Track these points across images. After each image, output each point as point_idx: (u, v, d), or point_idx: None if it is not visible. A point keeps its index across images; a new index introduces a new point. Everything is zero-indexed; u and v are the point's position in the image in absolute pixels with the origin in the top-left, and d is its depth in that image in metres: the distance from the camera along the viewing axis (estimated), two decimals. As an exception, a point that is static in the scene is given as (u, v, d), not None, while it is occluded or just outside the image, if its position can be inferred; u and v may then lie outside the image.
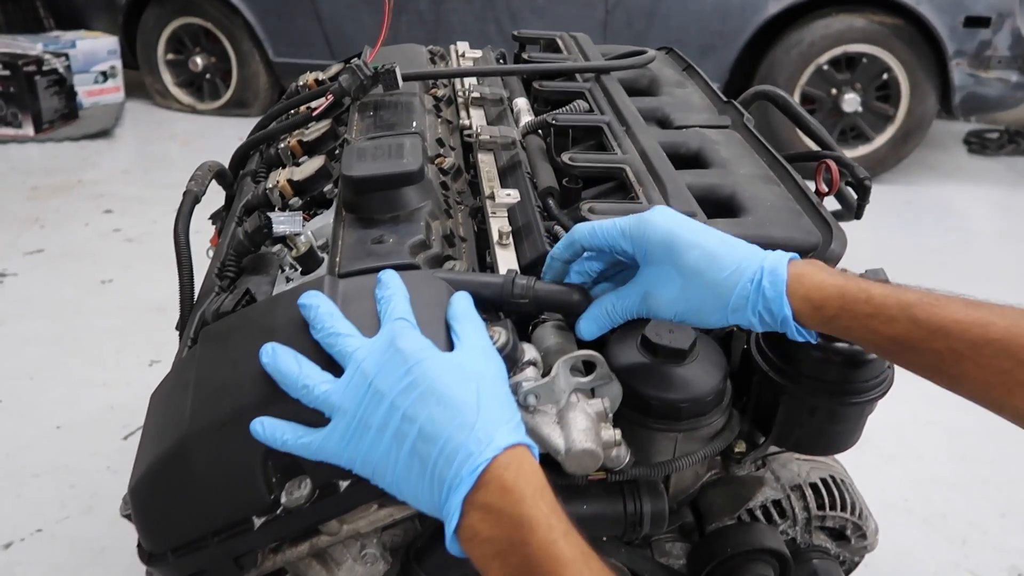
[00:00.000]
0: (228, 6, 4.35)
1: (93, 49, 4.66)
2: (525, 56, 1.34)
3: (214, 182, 1.20)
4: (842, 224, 1.15)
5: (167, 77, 4.69)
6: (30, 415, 1.98)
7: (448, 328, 0.70)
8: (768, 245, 0.87)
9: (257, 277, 0.96)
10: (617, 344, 0.83)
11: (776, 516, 0.95)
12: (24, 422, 1.95)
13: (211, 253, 1.18)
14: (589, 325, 0.77)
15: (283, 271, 0.96)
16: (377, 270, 0.77)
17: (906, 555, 1.64)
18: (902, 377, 0.80)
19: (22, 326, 2.41)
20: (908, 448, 1.95)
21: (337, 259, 0.82)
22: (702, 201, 0.92)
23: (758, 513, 0.94)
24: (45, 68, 4.27)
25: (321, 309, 0.68)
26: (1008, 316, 0.63)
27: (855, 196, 1.15)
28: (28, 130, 4.20)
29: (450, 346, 0.68)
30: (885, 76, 3.73)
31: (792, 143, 3.42)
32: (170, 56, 4.65)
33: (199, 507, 0.70)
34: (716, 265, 0.71)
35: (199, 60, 4.60)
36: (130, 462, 0.76)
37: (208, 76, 4.64)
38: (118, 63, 4.73)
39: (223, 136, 4.20)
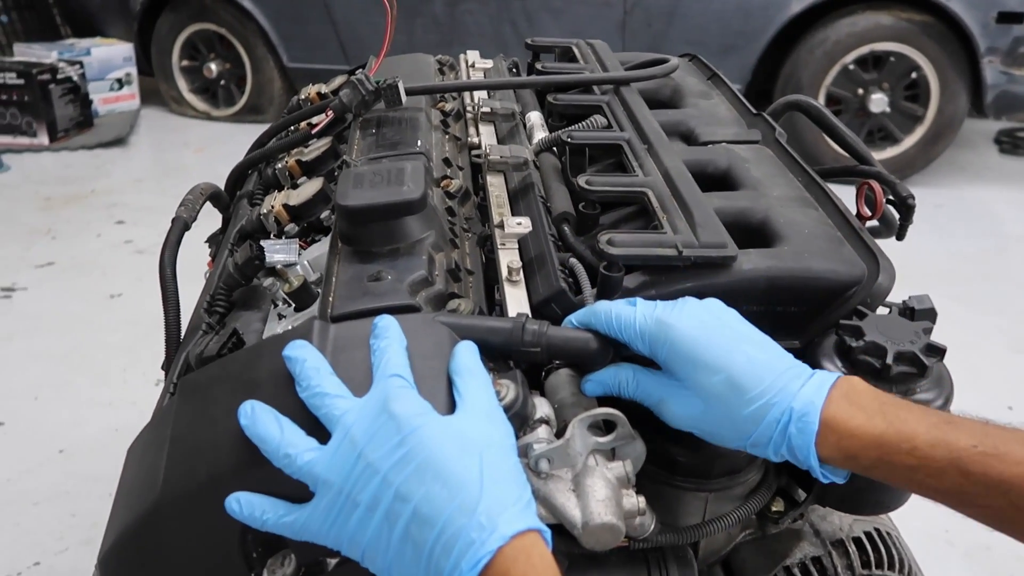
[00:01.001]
0: (242, 12, 4.32)
1: (108, 56, 4.65)
2: (539, 66, 1.25)
3: (208, 204, 1.13)
4: (878, 241, 1.07)
5: (182, 84, 4.67)
6: (33, 438, 1.94)
7: (450, 384, 0.62)
8: (808, 278, 0.80)
9: (248, 313, 0.89)
10: (640, 392, 0.74)
11: (816, 575, 0.86)
12: (27, 445, 1.91)
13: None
14: (595, 388, 0.70)
15: (276, 307, 0.88)
16: (373, 313, 0.69)
17: (948, 591, 1.55)
18: None
19: (29, 342, 2.37)
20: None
21: (330, 298, 0.75)
22: (732, 228, 0.84)
23: (796, 572, 0.86)
24: (60, 76, 4.26)
25: (308, 364, 0.61)
26: None
27: (896, 215, 1.06)
28: (43, 139, 4.19)
29: (452, 406, 0.60)
30: (914, 75, 3.61)
31: (819, 151, 3.31)
32: (185, 62, 4.63)
33: (173, 584, 0.63)
34: (741, 397, 0.62)
35: (213, 66, 4.58)
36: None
37: (223, 82, 4.62)
38: (133, 70, 4.72)
39: (237, 143, 4.15)
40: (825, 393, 0.61)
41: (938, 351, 0.71)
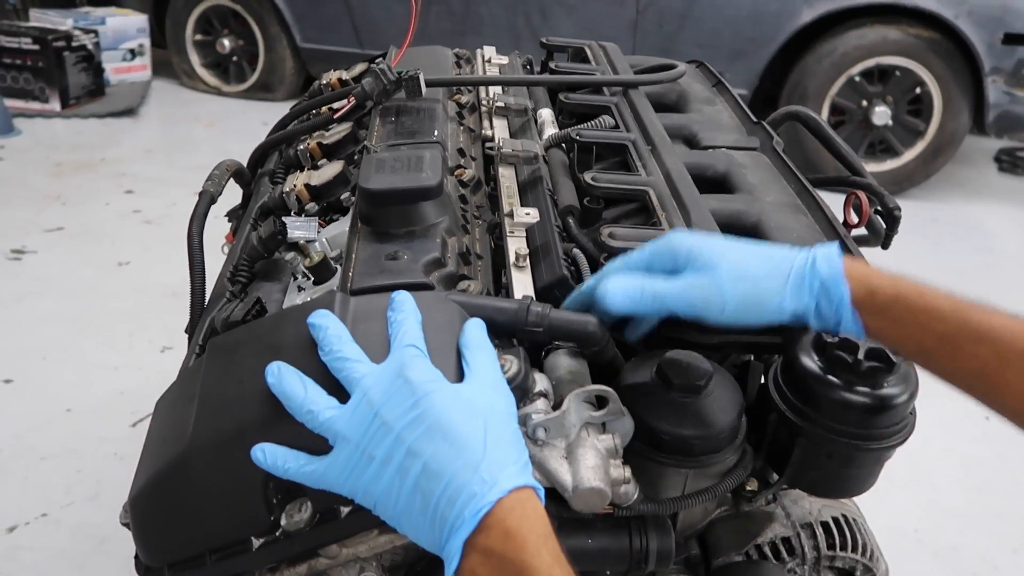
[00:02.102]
0: (258, -11, 4.35)
1: (123, 26, 4.68)
2: (552, 65, 1.31)
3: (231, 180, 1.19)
4: (866, 249, 1.13)
5: (194, 58, 4.70)
6: (41, 396, 1.99)
7: (459, 356, 0.68)
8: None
9: (269, 284, 0.95)
10: (630, 375, 0.81)
11: (785, 554, 0.92)
12: (35, 403, 1.96)
13: (226, 250, 1.17)
14: (620, 298, 0.72)
15: (295, 279, 0.94)
16: (390, 288, 0.75)
17: (915, 588, 1.62)
18: (919, 402, 0.79)
19: (38, 304, 2.42)
20: (922, 476, 1.92)
21: (350, 273, 0.81)
22: (726, 228, 0.90)
23: (766, 550, 0.92)
24: (74, 44, 4.30)
25: (330, 331, 0.67)
26: None
27: (883, 225, 1.12)
28: (55, 105, 4.23)
29: (460, 375, 0.66)
30: (918, 90, 3.66)
31: (820, 159, 3.37)
32: (198, 37, 4.66)
33: (197, 524, 0.69)
34: (765, 255, 0.71)
35: (226, 42, 4.61)
36: (138, 449, 0.75)
37: (235, 58, 4.65)
38: (147, 41, 4.75)
39: (247, 119, 4.21)
40: (836, 245, 0.70)
41: (906, 351, 0.77)
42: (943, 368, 0.67)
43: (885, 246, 1.13)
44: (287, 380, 0.65)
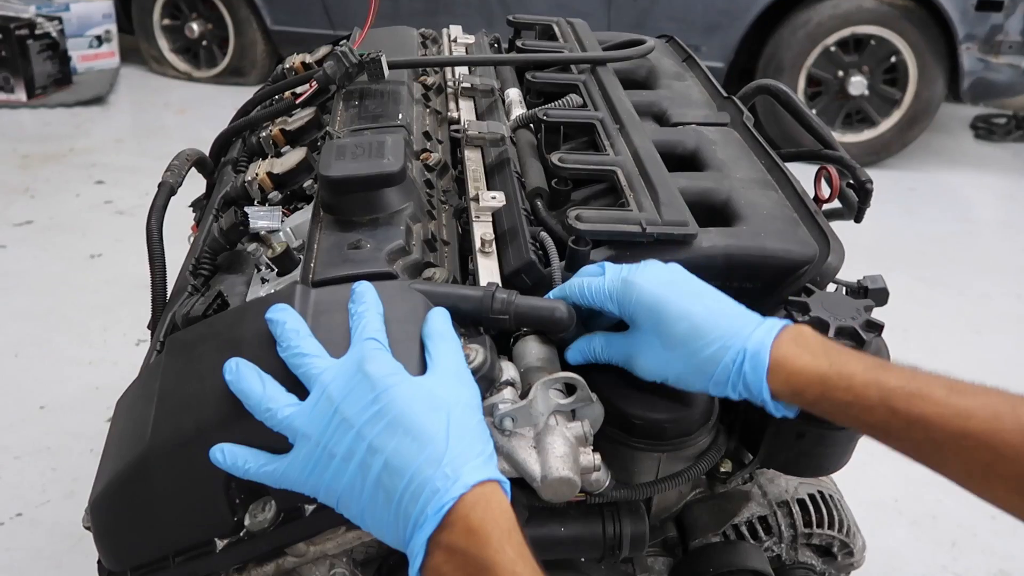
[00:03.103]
0: (225, -29, 4.26)
1: (88, 12, 4.57)
2: (519, 43, 1.29)
3: (194, 170, 1.16)
4: (839, 223, 1.12)
5: (163, 43, 4.60)
6: (14, 394, 1.96)
7: (423, 347, 0.66)
8: (763, 256, 0.85)
9: (232, 276, 0.93)
10: (602, 359, 0.79)
11: (762, 533, 0.92)
12: (8, 401, 1.93)
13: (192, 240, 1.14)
14: (575, 356, 0.77)
15: (259, 271, 0.92)
16: (352, 279, 0.74)
17: (893, 556, 1.63)
18: None
19: (9, 300, 2.38)
20: (901, 446, 1.93)
21: (312, 264, 0.79)
22: (695, 207, 0.88)
23: (743, 529, 0.92)
24: (38, 32, 4.19)
25: (288, 325, 0.65)
26: (990, 406, 0.61)
27: (856, 198, 1.11)
28: (20, 95, 4.13)
29: (423, 367, 0.65)
30: (893, 59, 3.65)
31: (799, 133, 3.36)
32: (166, 21, 4.56)
33: (160, 527, 0.68)
34: (701, 341, 0.69)
35: (195, 26, 4.52)
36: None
37: (205, 43, 4.56)
38: (113, 27, 4.64)
39: (219, 105, 4.13)
40: (774, 335, 0.68)
41: (876, 327, 0.76)
42: (885, 445, 0.67)
43: (858, 219, 1.12)
44: (245, 377, 0.63)
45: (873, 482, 1.78)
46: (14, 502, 1.64)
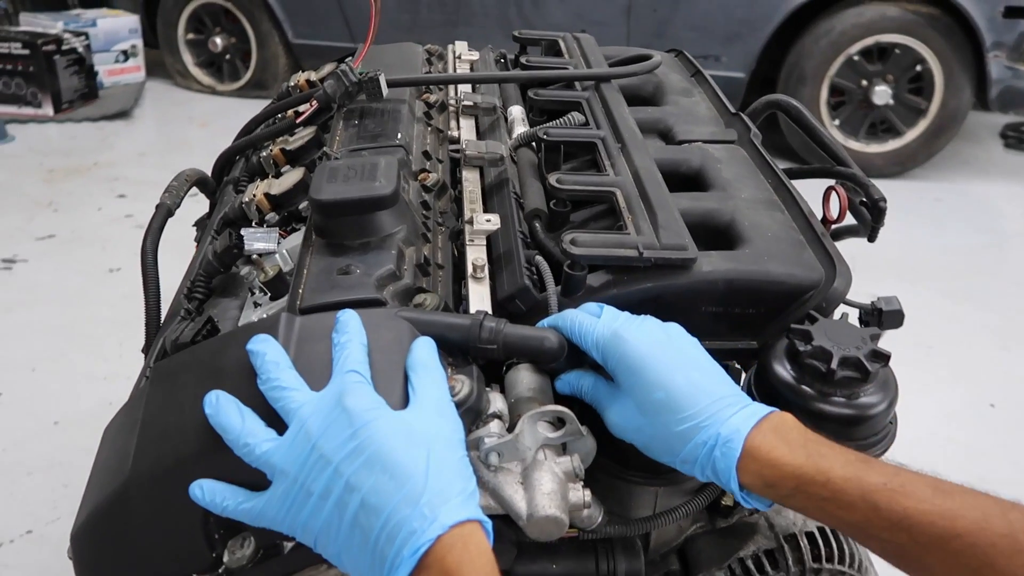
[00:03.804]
0: (247, -14, 4.31)
1: (114, 28, 4.65)
2: (523, 59, 1.27)
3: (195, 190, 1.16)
4: (851, 241, 1.09)
5: (187, 57, 4.67)
6: (29, 409, 1.98)
7: (406, 379, 0.65)
8: (766, 281, 0.82)
9: (226, 300, 0.92)
10: (597, 388, 0.77)
11: (768, 567, 0.89)
12: (23, 416, 1.95)
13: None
14: (562, 387, 0.74)
15: (252, 294, 0.91)
16: (339, 306, 0.72)
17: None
18: (918, 390, 0.75)
19: (28, 314, 2.41)
20: (925, 467, 1.87)
21: (300, 290, 0.77)
22: (697, 228, 0.86)
23: (749, 564, 0.89)
24: (65, 47, 4.27)
25: (268, 357, 0.63)
26: (979, 507, 0.57)
27: (869, 216, 1.07)
28: (48, 110, 4.21)
29: (405, 400, 0.63)
30: (918, 68, 3.59)
31: (811, 146, 3.31)
32: (190, 36, 4.63)
33: (139, 561, 0.67)
34: (675, 415, 0.65)
35: (219, 40, 4.58)
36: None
37: (228, 57, 4.62)
38: (139, 42, 4.72)
39: (241, 118, 4.12)
40: (752, 423, 0.64)
41: (882, 357, 0.73)
42: (865, 546, 0.63)
43: (871, 239, 1.09)
44: (224, 411, 0.62)
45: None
46: (25, 519, 1.64)
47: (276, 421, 0.62)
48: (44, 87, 4.18)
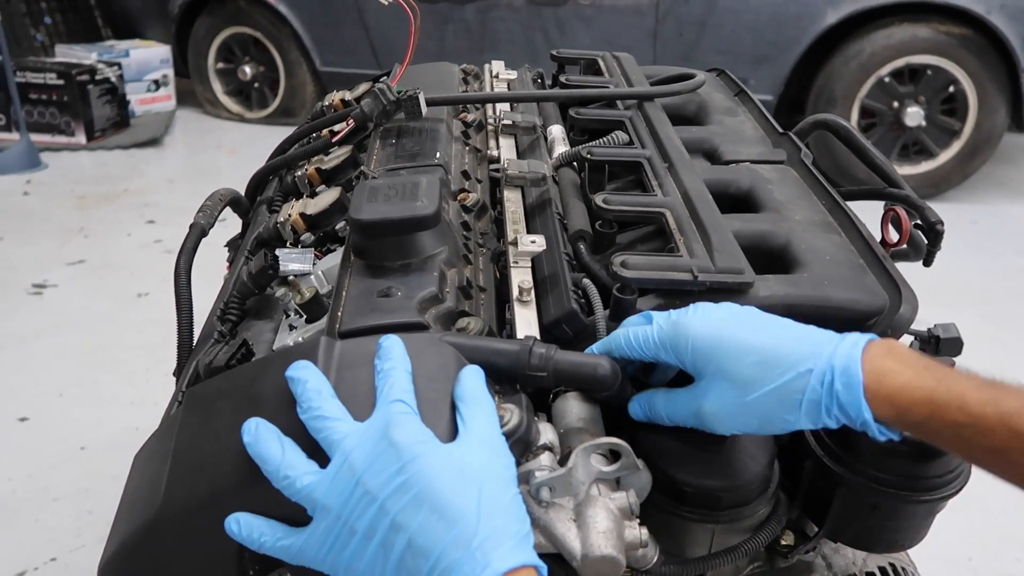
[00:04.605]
0: (277, 16, 4.37)
1: (146, 58, 4.73)
2: (563, 78, 1.24)
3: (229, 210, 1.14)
4: (905, 265, 1.04)
5: (217, 86, 4.73)
6: (56, 434, 1.96)
7: (454, 409, 0.61)
8: (827, 308, 0.78)
9: (260, 323, 0.89)
10: (649, 419, 0.73)
11: (829, 609, 0.84)
12: (50, 441, 1.93)
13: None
14: (635, 412, 0.70)
15: (288, 316, 0.88)
16: (381, 330, 0.69)
17: (972, 624, 1.50)
18: None
19: (57, 339, 2.41)
20: (973, 499, 1.78)
21: (339, 313, 0.74)
22: (751, 252, 0.82)
23: (809, 605, 0.83)
24: (98, 77, 4.34)
25: (310, 385, 0.60)
26: None
27: (925, 240, 1.03)
28: (80, 138, 4.27)
29: (454, 432, 0.59)
30: (951, 88, 3.53)
31: (852, 166, 3.26)
32: (220, 65, 4.70)
33: (170, 599, 0.63)
34: (778, 370, 0.61)
35: (248, 69, 4.63)
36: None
37: (256, 85, 4.67)
38: (170, 72, 4.79)
39: (269, 145, 4.14)
40: (862, 347, 0.60)
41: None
42: (1000, 474, 0.59)
43: (927, 263, 1.04)
44: (264, 440, 0.59)
45: (946, 537, 1.65)
46: (49, 546, 1.62)
47: (318, 453, 0.58)
48: (77, 116, 4.24)
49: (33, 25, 4.90)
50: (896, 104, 3.61)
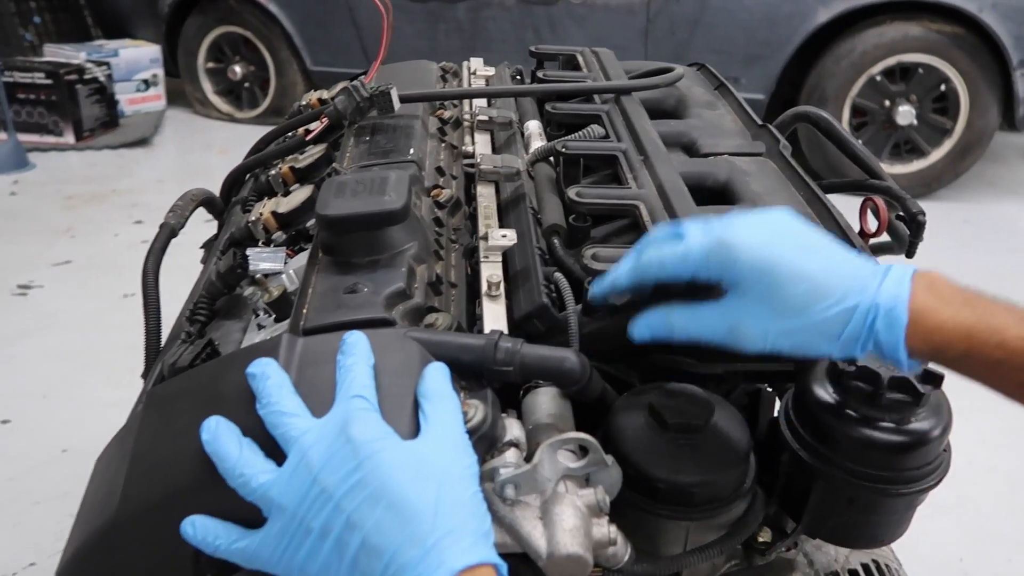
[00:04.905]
0: (267, 15, 4.35)
1: (136, 57, 4.71)
2: (540, 74, 1.23)
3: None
4: (890, 258, 1.03)
5: (207, 85, 4.71)
6: (39, 436, 1.95)
7: (416, 406, 0.59)
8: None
9: (229, 323, 0.88)
10: (620, 413, 0.72)
11: (808, 608, 0.82)
12: (32, 444, 1.92)
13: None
14: (643, 332, 0.67)
15: (257, 316, 0.86)
16: (345, 327, 0.67)
17: (960, 623, 1.49)
18: (956, 416, 0.69)
19: (42, 340, 2.39)
20: (965, 499, 1.78)
21: (304, 311, 0.73)
22: (727, 244, 0.80)
23: (787, 604, 0.82)
24: (86, 77, 4.32)
25: (270, 381, 0.59)
26: None
27: (907, 231, 1.02)
28: (69, 138, 4.25)
29: (416, 430, 0.58)
30: (943, 87, 3.53)
31: (843, 163, 3.25)
32: (210, 64, 4.67)
33: (126, 604, 0.62)
34: (824, 302, 0.60)
35: (238, 69, 4.61)
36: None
37: (247, 85, 4.65)
38: (160, 71, 4.77)
39: (259, 145, 4.18)
40: (908, 286, 0.60)
41: (935, 378, 0.67)
42: None
43: (910, 254, 1.03)
44: (222, 438, 0.57)
45: (936, 538, 1.65)
46: (28, 551, 1.60)
47: (276, 451, 0.57)
48: (66, 116, 4.22)
49: (22, 24, 4.87)
50: (888, 103, 3.61)
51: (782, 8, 3.55)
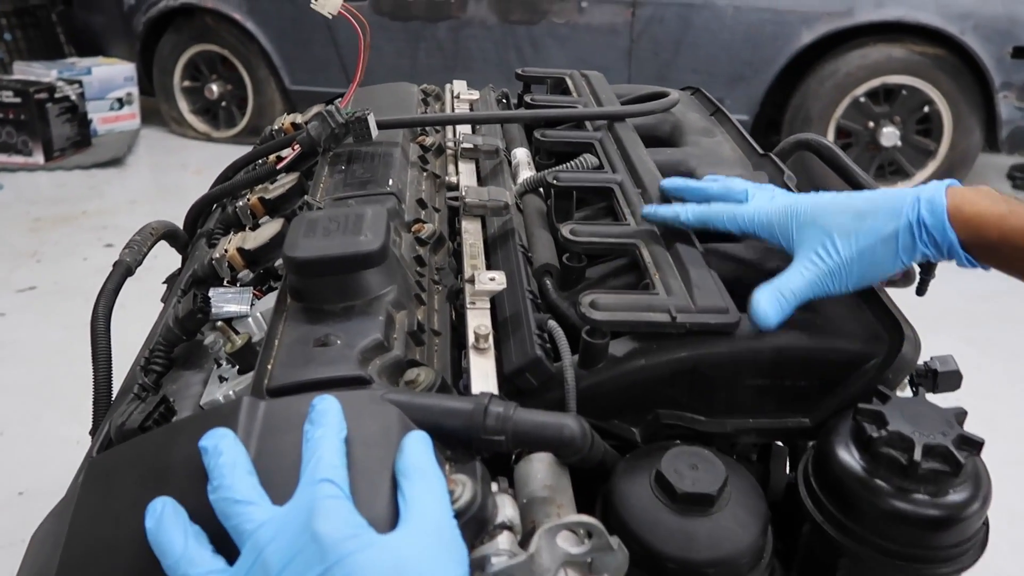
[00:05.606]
0: (245, 33, 4.27)
1: (109, 76, 4.60)
2: (528, 98, 1.16)
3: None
4: (896, 291, 0.97)
5: (183, 104, 4.61)
6: (-7, 477, 1.83)
7: (395, 486, 0.52)
8: (819, 349, 0.70)
9: (188, 373, 0.79)
10: (623, 480, 0.64)
11: None
12: (-14, 486, 1.80)
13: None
14: (775, 317, 0.69)
15: (219, 366, 0.78)
16: (315, 386, 0.60)
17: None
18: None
19: (2, 372, 2.27)
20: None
21: (269, 366, 0.65)
22: (735, 285, 0.74)
23: None
24: (57, 95, 4.21)
25: (223, 459, 0.51)
26: None
27: (916, 267, 0.96)
28: (38, 158, 4.13)
29: (394, 517, 0.50)
30: (926, 109, 3.52)
31: (830, 188, 3.23)
32: (186, 83, 4.58)
33: None
34: (871, 216, 0.70)
35: (215, 87, 4.52)
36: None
37: (224, 104, 4.56)
38: (135, 90, 4.67)
39: (235, 165, 4.09)
40: (944, 187, 0.70)
41: (973, 444, 0.60)
42: None
43: (920, 292, 0.97)
44: (166, 528, 0.49)
45: None
46: (-22, 605, 1.49)
47: (229, 544, 0.48)
48: (35, 135, 4.10)
49: (-8, 42, 4.76)
50: (872, 124, 3.59)
51: (765, 29, 3.53)
